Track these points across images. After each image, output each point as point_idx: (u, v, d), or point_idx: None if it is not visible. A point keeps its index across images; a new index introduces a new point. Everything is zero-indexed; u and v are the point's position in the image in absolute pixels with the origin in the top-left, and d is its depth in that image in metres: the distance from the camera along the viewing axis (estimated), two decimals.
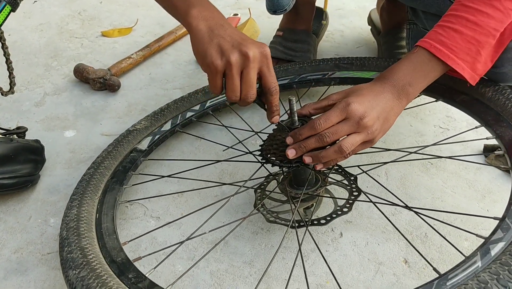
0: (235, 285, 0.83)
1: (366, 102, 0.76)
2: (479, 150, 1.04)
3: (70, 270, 0.73)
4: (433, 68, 0.80)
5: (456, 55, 0.78)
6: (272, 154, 0.82)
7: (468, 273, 0.61)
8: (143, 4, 1.84)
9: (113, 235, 0.82)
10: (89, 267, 0.72)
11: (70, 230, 0.81)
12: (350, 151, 0.76)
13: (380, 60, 1.11)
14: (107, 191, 0.92)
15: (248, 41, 0.75)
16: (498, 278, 0.59)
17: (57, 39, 1.63)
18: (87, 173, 0.95)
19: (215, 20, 0.78)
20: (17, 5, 0.95)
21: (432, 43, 0.79)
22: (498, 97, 0.87)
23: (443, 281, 0.62)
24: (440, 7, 0.95)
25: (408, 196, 0.97)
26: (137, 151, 1.02)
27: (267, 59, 0.76)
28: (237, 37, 0.75)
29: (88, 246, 0.77)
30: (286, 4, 1.14)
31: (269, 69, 0.76)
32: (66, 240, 0.79)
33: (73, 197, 0.89)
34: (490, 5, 0.77)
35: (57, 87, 1.39)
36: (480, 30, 0.77)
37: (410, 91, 0.79)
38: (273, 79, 0.77)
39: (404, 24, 1.32)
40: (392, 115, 0.79)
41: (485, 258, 0.63)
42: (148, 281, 0.71)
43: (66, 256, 0.76)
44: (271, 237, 0.91)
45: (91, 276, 0.70)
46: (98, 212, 0.87)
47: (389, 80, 0.80)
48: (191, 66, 1.46)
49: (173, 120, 1.11)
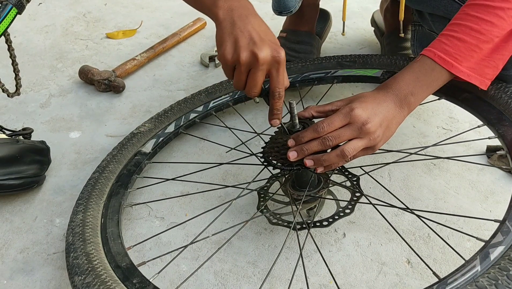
0: (239, 285, 0.83)
1: (370, 109, 0.77)
2: (482, 151, 1.05)
3: (76, 276, 0.74)
4: (436, 77, 0.81)
5: (460, 63, 0.79)
6: (273, 156, 0.83)
7: (467, 278, 0.61)
8: (148, 6, 1.85)
9: (118, 239, 0.83)
10: (94, 273, 0.73)
11: (76, 235, 0.82)
12: (352, 155, 0.77)
13: (383, 57, 1.11)
14: (112, 195, 0.92)
15: (264, 41, 0.75)
16: (497, 283, 0.59)
17: (62, 41, 1.65)
18: (92, 177, 0.96)
19: (240, 11, 0.78)
20: (23, 7, 0.96)
21: (436, 52, 0.80)
22: (501, 96, 0.87)
23: (442, 286, 0.62)
24: (448, 10, 0.96)
25: (411, 196, 0.97)
26: (141, 154, 1.03)
27: (278, 63, 0.75)
28: (255, 35, 0.75)
29: (93, 251, 0.78)
30: (292, 6, 1.15)
31: (278, 73, 0.76)
32: (72, 245, 0.80)
33: (78, 201, 0.90)
34: (494, 14, 0.78)
35: (62, 88, 1.40)
36: (483, 38, 0.78)
37: (412, 101, 0.80)
38: (279, 84, 0.77)
39: (408, 26, 1.32)
40: (394, 124, 0.80)
41: (484, 262, 0.63)
42: (152, 286, 0.72)
43: (72, 262, 0.77)
44: (275, 238, 0.91)
45: (96, 282, 0.71)
46: (103, 216, 0.87)
47: (392, 90, 0.80)
48: (195, 67, 1.47)
49: (177, 122, 1.11)
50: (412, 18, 1.23)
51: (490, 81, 0.82)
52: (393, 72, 1.04)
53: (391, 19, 1.36)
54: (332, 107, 0.82)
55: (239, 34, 0.75)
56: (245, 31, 0.75)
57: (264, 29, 0.78)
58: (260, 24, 0.78)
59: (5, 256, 0.92)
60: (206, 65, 1.46)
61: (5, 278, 0.88)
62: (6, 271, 0.89)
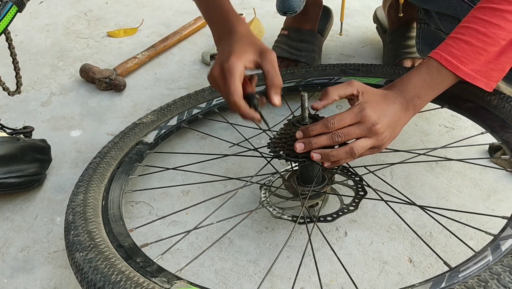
0: (239, 284, 0.83)
1: (380, 110, 0.78)
2: (484, 150, 1.04)
3: (76, 252, 0.72)
4: (442, 79, 0.81)
5: (465, 65, 0.79)
6: (280, 147, 0.83)
7: (480, 266, 0.62)
8: (149, 5, 1.85)
9: (119, 221, 0.82)
10: (97, 249, 0.72)
11: (76, 214, 0.80)
12: (360, 153, 0.78)
13: (386, 67, 1.13)
14: (113, 180, 0.92)
15: (224, 56, 0.80)
16: (511, 270, 0.60)
17: (63, 40, 1.64)
18: (93, 161, 0.95)
19: (226, 34, 0.85)
20: (23, 5, 0.96)
21: (442, 54, 0.81)
22: (504, 105, 0.89)
23: (455, 273, 0.63)
24: (457, 10, 0.96)
25: (413, 195, 0.97)
26: (143, 144, 1.03)
27: (228, 70, 0.79)
28: (226, 51, 0.81)
29: (95, 230, 0.77)
30: (296, 6, 1.15)
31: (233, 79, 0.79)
32: (72, 223, 0.79)
33: (79, 183, 0.89)
34: (501, 17, 0.78)
35: (63, 87, 1.40)
36: (490, 41, 0.78)
37: (418, 103, 0.81)
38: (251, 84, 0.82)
39: (413, 23, 1.31)
40: (399, 126, 0.81)
41: (495, 252, 0.64)
42: (156, 265, 0.71)
43: (72, 239, 0.75)
44: (276, 236, 0.91)
45: (99, 258, 0.70)
46: (104, 199, 0.87)
47: (400, 91, 0.81)
48: (196, 66, 1.47)
49: (180, 116, 1.12)
50: (417, 16, 1.22)
51: (495, 83, 0.82)
52: None
53: (395, 16, 1.36)
54: (353, 90, 0.80)
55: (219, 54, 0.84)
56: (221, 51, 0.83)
57: (232, 46, 0.82)
58: (234, 41, 0.82)
59: (5, 255, 0.92)
60: (207, 64, 1.46)
61: (5, 276, 0.88)
62: (6, 270, 0.89)
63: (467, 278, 0.61)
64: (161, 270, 0.70)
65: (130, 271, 0.68)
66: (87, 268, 0.69)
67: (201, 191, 1.01)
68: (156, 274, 0.69)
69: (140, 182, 1.04)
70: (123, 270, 0.68)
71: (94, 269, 0.68)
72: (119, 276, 0.66)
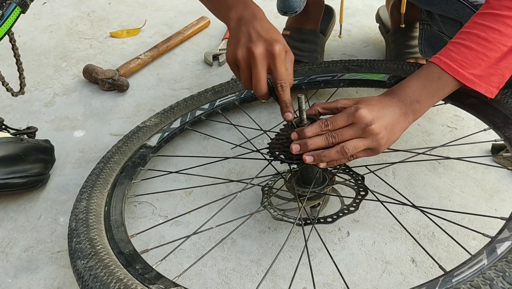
0: (242, 284, 0.83)
1: (375, 111, 0.78)
2: (487, 150, 1.04)
3: (78, 260, 0.74)
4: (442, 85, 0.81)
5: (465, 70, 0.79)
6: (277, 149, 0.84)
7: (474, 271, 0.61)
8: (151, 5, 1.86)
9: (121, 227, 0.83)
10: (97, 257, 0.73)
11: (79, 221, 0.82)
12: (352, 153, 0.77)
13: (389, 62, 1.12)
14: (116, 185, 0.93)
15: (260, 38, 0.79)
16: (504, 275, 0.59)
17: (67, 40, 1.65)
18: (97, 167, 0.96)
19: (247, 17, 0.83)
20: (27, 6, 0.96)
21: (442, 58, 0.81)
22: (507, 100, 0.88)
23: (448, 278, 0.62)
24: (459, 14, 0.95)
25: (415, 195, 0.97)
26: (146, 147, 1.03)
27: (274, 56, 0.79)
28: (254, 33, 0.80)
29: (96, 237, 0.78)
30: (297, 7, 1.15)
31: (275, 65, 0.80)
32: (75, 230, 0.80)
33: (82, 190, 0.90)
34: (502, 22, 0.78)
35: (67, 87, 1.41)
36: (490, 46, 0.78)
37: (417, 108, 0.81)
38: (279, 76, 0.80)
39: (416, 23, 1.31)
40: (398, 129, 0.80)
41: (491, 256, 0.63)
42: (155, 272, 0.72)
43: (74, 247, 0.77)
44: (278, 236, 0.91)
45: (99, 266, 0.71)
46: (107, 205, 0.88)
47: (398, 96, 0.81)
48: (198, 66, 1.47)
49: (183, 118, 1.12)
50: (419, 16, 1.22)
51: (496, 89, 0.82)
52: (399, 77, 1.04)
53: (398, 16, 1.35)
54: (338, 104, 0.83)
55: (241, 35, 0.81)
56: (246, 32, 0.81)
57: (266, 28, 0.81)
58: (263, 25, 0.82)
59: (9, 255, 0.92)
60: (210, 64, 1.46)
61: (9, 276, 0.88)
62: (10, 270, 0.89)
63: (460, 284, 0.60)
64: (160, 277, 0.71)
65: (129, 279, 0.69)
66: (88, 276, 0.70)
67: (204, 190, 1.02)
68: (154, 281, 0.70)
69: (143, 185, 1.04)
70: (121, 278, 0.69)
71: (94, 277, 0.70)
72: (117, 284, 0.68)
